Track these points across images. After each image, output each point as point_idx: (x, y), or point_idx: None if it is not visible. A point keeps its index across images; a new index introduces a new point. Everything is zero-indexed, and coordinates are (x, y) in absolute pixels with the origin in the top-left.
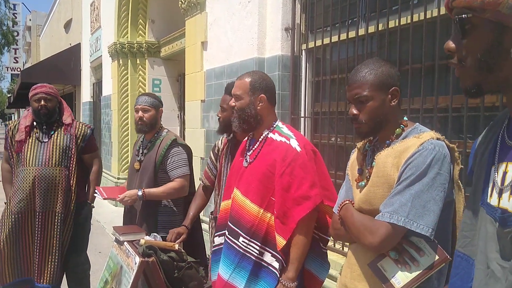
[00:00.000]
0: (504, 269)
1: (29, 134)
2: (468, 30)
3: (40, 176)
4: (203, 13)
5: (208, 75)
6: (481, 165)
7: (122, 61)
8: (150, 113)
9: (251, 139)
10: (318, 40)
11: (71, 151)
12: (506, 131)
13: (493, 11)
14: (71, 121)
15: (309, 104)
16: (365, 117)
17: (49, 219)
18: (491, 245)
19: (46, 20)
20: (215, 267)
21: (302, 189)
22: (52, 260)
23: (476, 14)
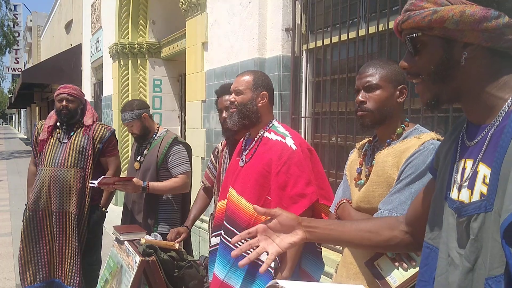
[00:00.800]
0: (461, 256)
1: (51, 134)
2: (419, 48)
3: (55, 177)
4: (204, 13)
5: (209, 76)
6: (446, 164)
7: (123, 62)
8: (136, 126)
9: (247, 139)
10: (318, 40)
11: (88, 152)
12: (465, 133)
13: (440, 28)
14: (92, 123)
15: (309, 104)
16: (371, 105)
17: (66, 219)
18: (451, 235)
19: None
20: (211, 267)
21: (298, 187)
22: (72, 258)
23: (425, 33)
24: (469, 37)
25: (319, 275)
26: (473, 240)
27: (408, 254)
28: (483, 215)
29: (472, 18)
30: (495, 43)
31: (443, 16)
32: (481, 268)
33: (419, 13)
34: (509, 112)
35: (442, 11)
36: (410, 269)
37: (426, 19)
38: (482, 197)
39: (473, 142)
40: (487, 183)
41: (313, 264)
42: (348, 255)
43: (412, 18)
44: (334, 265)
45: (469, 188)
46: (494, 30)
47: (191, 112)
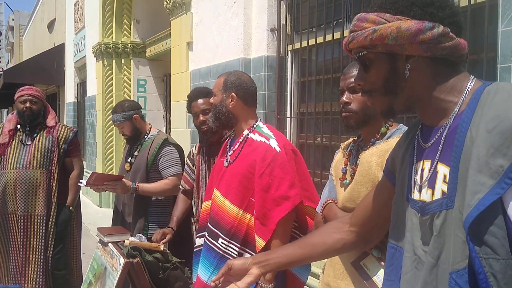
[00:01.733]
0: (426, 253)
1: (12, 137)
2: (368, 65)
3: (21, 179)
4: (189, 13)
5: (194, 76)
6: (404, 166)
7: (107, 61)
8: (126, 127)
9: (232, 139)
10: (303, 41)
11: (53, 153)
12: (420, 135)
13: (382, 45)
14: (55, 124)
15: (294, 105)
16: (356, 106)
17: (31, 222)
18: (416, 235)
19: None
20: (195, 268)
21: (281, 189)
22: (35, 264)
23: (370, 50)
24: (409, 50)
25: (306, 276)
26: (436, 236)
27: None
28: (445, 212)
29: (408, 32)
30: (434, 52)
31: (382, 34)
32: (445, 263)
33: (361, 33)
34: (460, 113)
35: (380, 29)
36: None
37: (368, 38)
38: (444, 195)
39: (429, 144)
40: (447, 182)
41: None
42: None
43: (356, 39)
44: (321, 266)
45: (430, 188)
46: (430, 40)
47: (176, 112)
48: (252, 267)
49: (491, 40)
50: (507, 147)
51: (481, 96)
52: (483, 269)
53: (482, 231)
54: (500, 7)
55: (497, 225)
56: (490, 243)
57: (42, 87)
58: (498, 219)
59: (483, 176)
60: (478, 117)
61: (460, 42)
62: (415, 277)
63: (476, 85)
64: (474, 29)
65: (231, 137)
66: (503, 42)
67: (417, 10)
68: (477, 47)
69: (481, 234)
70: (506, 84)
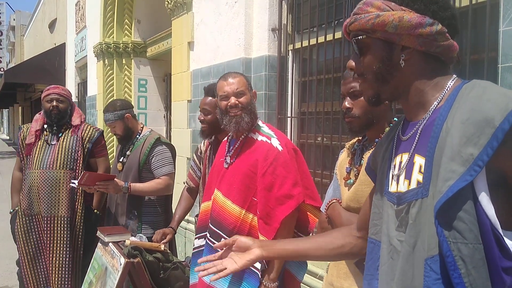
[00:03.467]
0: (401, 243)
1: (39, 137)
2: (364, 49)
3: (44, 179)
4: (190, 13)
5: (195, 75)
6: (384, 162)
7: (108, 61)
8: (118, 127)
9: (231, 140)
10: (304, 40)
11: (77, 153)
12: (401, 129)
13: (381, 31)
14: (80, 123)
15: (295, 104)
16: (358, 111)
17: (55, 224)
18: (391, 226)
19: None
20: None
21: (284, 188)
22: (60, 267)
23: (369, 35)
24: (406, 41)
25: (302, 275)
26: (412, 224)
27: None
28: (420, 201)
29: (409, 23)
30: (428, 47)
31: (384, 20)
32: (420, 251)
33: (364, 17)
34: (438, 108)
35: (384, 15)
36: None
37: (370, 22)
38: (419, 185)
39: (407, 137)
40: (422, 172)
41: (296, 264)
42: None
43: (358, 21)
44: (324, 266)
45: (407, 179)
46: (428, 36)
47: (176, 112)
48: (255, 247)
49: (492, 39)
50: (478, 136)
51: (459, 92)
52: (451, 252)
53: (451, 216)
54: (501, 6)
55: (465, 211)
56: (459, 228)
57: (43, 86)
58: (466, 205)
59: (455, 164)
60: (455, 110)
61: (454, 44)
62: (392, 267)
63: (456, 83)
64: (475, 29)
65: (229, 137)
66: (504, 41)
67: (421, 5)
68: (478, 46)
69: (451, 220)
70: (483, 81)
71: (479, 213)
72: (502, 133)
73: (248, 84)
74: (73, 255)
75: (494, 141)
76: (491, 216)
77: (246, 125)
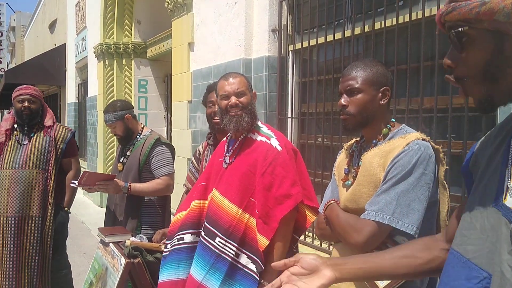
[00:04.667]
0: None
1: (9, 137)
2: (466, 43)
3: (16, 179)
4: (190, 13)
5: (195, 76)
6: (494, 167)
7: (108, 62)
8: (119, 127)
9: (230, 140)
10: (304, 41)
11: (50, 153)
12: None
13: (489, 21)
14: (52, 124)
15: (296, 105)
16: (353, 109)
17: (25, 224)
18: (503, 247)
19: (31, 21)
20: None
21: (283, 188)
22: (29, 267)
23: (473, 26)
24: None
25: None
26: None
27: None
28: None
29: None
30: None
31: (492, 8)
32: None
33: (465, 5)
34: None
35: (491, 2)
36: None
37: (474, 11)
38: None
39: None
40: None
41: None
42: (336, 255)
43: (457, 10)
44: None
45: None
46: None
47: (177, 112)
48: (325, 268)
49: None
50: None
51: None
52: None
53: None
54: None
55: None
56: None
57: (43, 87)
58: None
59: None
60: None
61: None
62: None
63: None
64: None
65: (228, 137)
66: None
67: None
68: None
69: None
70: None
71: None
72: None
73: (248, 84)
74: (42, 254)
75: None
76: None
77: (246, 125)
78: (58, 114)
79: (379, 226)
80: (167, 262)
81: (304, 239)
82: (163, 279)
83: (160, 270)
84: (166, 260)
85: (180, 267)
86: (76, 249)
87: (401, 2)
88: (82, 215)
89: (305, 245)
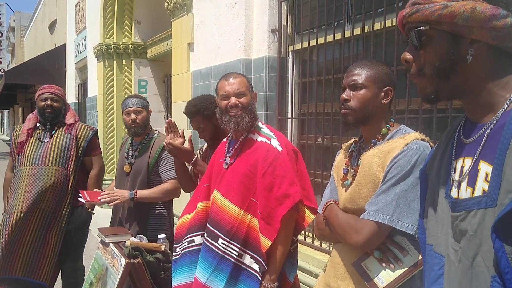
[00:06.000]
0: (456, 252)
1: (31, 136)
2: (424, 42)
3: (34, 176)
4: (190, 14)
5: (195, 76)
6: (444, 163)
7: (108, 62)
8: (142, 115)
9: (231, 140)
10: (304, 41)
11: (70, 151)
12: (462, 131)
13: (449, 23)
14: (74, 122)
15: (296, 105)
16: (354, 104)
17: (35, 217)
18: (449, 233)
19: (30, 21)
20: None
21: (283, 188)
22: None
23: (433, 26)
24: (476, 34)
25: (293, 276)
26: (471, 236)
27: (395, 255)
28: (483, 211)
29: (482, 15)
30: (501, 42)
31: (454, 11)
32: (481, 266)
33: (429, 7)
34: (508, 110)
35: (453, 6)
36: (397, 269)
37: (436, 13)
38: (484, 194)
39: (470, 140)
40: (489, 181)
41: (290, 265)
42: (336, 256)
43: (421, 12)
44: (321, 265)
45: (470, 186)
46: (501, 29)
47: (177, 113)
48: None
49: None
50: None
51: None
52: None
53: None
54: None
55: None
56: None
57: None
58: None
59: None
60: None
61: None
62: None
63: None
64: None
65: (228, 138)
66: None
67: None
68: None
69: None
70: None
71: None
72: None
73: (249, 85)
74: (46, 246)
75: None
76: None
77: (246, 125)
78: None
79: (379, 226)
80: (179, 266)
81: (304, 240)
82: (178, 282)
83: (173, 274)
84: (178, 264)
85: (194, 269)
86: None
87: (400, 3)
88: None
89: (305, 245)
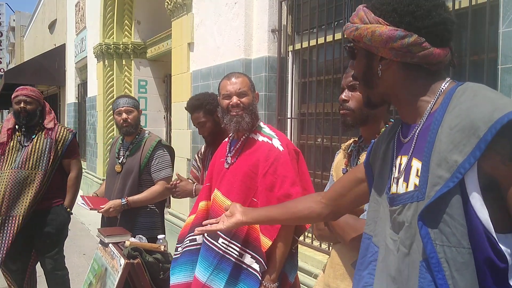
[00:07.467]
0: (395, 242)
1: (11, 137)
2: (353, 56)
3: (13, 179)
4: (190, 14)
5: (195, 76)
6: (385, 160)
7: (108, 62)
8: (133, 114)
9: (232, 140)
10: (304, 41)
11: (49, 155)
12: (401, 131)
13: (361, 42)
14: (53, 126)
15: (295, 105)
16: (353, 104)
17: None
18: (387, 224)
19: (30, 21)
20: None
21: (284, 188)
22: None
23: (355, 44)
24: (382, 53)
25: (293, 277)
26: (408, 227)
27: None
28: (416, 204)
29: (380, 38)
30: (403, 58)
31: (360, 33)
32: (415, 252)
33: (349, 28)
34: (432, 112)
35: (360, 29)
36: None
37: (351, 34)
38: (415, 188)
39: (406, 140)
40: (419, 176)
41: (290, 265)
42: (335, 256)
43: (346, 30)
44: (320, 266)
45: (405, 181)
46: (400, 48)
47: (177, 113)
48: (237, 213)
49: (492, 41)
50: (464, 144)
51: (452, 96)
52: (436, 254)
53: (437, 219)
54: (501, 7)
55: (449, 215)
56: (444, 231)
57: (43, 87)
58: (451, 209)
59: (441, 169)
60: (448, 114)
61: (434, 52)
62: (387, 265)
63: (450, 86)
64: (475, 30)
65: (230, 138)
66: (504, 43)
67: (396, 17)
68: (478, 48)
69: (436, 223)
70: (475, 85)
71: (471, 217)
72: (485, 144)
73: (251, 85)
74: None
75: (477, 151)
76: (483, 219)
77: (247, 125)
78: (57, 114)
79: None
80: (179, 264)
81: (304, 240)
82: (178, 281)
83: (172, 272)
84: (178, 262)
85: (194, 268)
86: (76, 249)
87: None
88: (82, 216)
89: (304, 246)
